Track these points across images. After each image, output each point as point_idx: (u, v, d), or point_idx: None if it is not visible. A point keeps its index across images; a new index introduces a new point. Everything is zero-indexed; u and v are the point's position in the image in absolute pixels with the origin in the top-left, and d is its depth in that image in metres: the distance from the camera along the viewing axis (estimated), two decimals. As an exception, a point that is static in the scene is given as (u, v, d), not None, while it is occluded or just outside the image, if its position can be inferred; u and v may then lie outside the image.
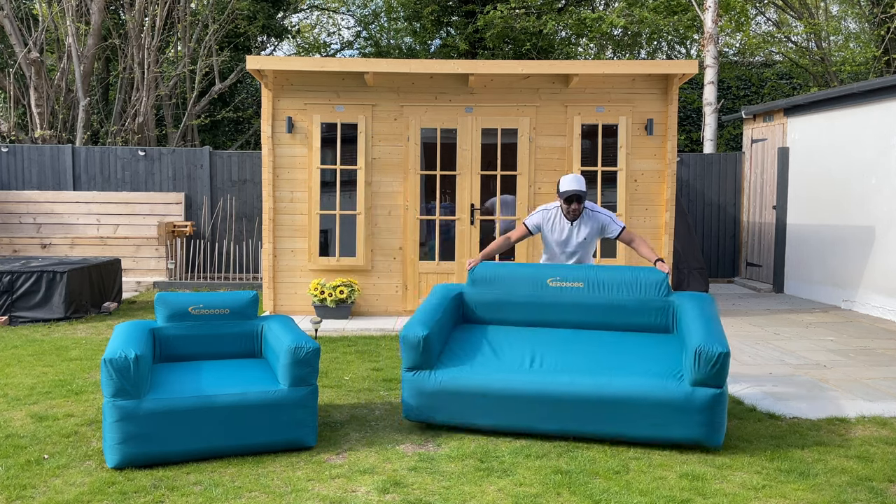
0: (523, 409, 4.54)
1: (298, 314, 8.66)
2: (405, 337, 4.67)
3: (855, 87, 9.21)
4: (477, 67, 8.23)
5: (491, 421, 4.61)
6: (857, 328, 8.11)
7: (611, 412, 4.42)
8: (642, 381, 4.42)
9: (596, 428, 4.47)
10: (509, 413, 4.57)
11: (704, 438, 4.36)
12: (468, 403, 4.62)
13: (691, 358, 4.35)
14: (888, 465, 4.19)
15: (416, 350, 4.65)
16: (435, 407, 4.67)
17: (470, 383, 4.61)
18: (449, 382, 4.63)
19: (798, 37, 19.13)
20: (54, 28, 15.86)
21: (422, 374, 4.68)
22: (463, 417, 4.65)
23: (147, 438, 4.06)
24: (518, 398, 4.53)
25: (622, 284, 5.13)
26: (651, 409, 4.36)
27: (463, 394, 4.61)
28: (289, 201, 8.64)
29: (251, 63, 8.11)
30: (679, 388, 4.36)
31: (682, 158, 12.17)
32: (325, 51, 24.23)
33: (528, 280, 5.22)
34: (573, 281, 5.16)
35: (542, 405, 4.50)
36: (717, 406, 4.32)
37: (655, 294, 5.08)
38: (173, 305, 4.94)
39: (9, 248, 11.74)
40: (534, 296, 5.19)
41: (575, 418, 4.48)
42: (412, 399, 4.70)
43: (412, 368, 4.71)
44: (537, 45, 18.64)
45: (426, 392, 4.66)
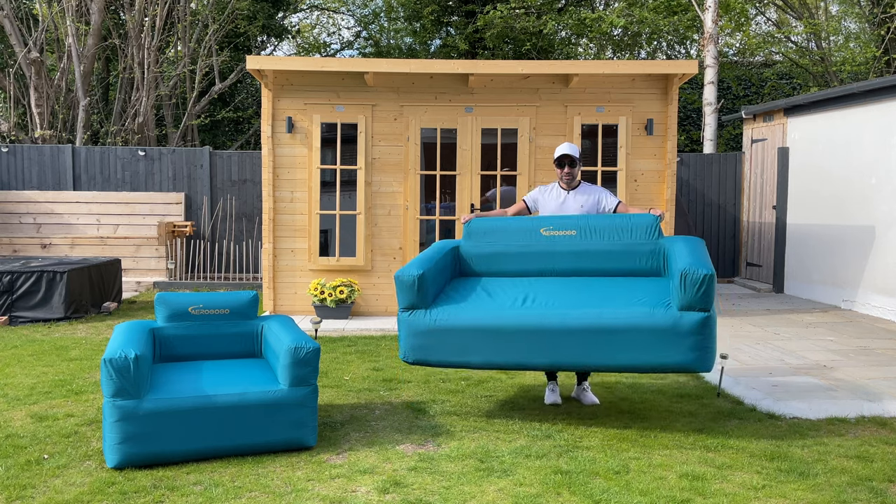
0: (516, 343, 4.56)
1: (298, 314, 8.66)
2: (400, 276, 4.71)
3: (855, 87, 9.21)
4: (477, 67, 8.23)
5: (484, 358, 4.63)
6: (857, 328, 8.11)
7: (601, 342, 4.46)
8: (631, 310, 4.48)
9: (587, 359, 4.51)
10: (502, 349, 4.59)
11: (694, 363, 4.37)
12: (462, 341, 4.63)
13: (677, 281, 4.39)
14: (888, 465, 4.19)
15: (412, 289, 4.68)
16: (430, 346, 4.68)
17: (464, 320, 4.64)
18: (443, 320, 4.66)
19: (798, 37, 19.13)
20: (54, 28, 15.86)
21: (417, 314, 4.71)
22: (457, 356, 4.66)
23: (147, 438, 4.06)
24: (511, 332, 4.56)
25: (614, 230, 5.19)
26: (640, 336, 4.41)
27: (457, 331, 4.63)
28: (289, 201, 8.64)
29: (251, 63, 8.11)
30: (667, 313, 4.41)
31: (682, 158, 12.17)
32: (325, 51, 24.23)
33: (521, 231, 5.29)
34: (566, 229, 5.23)
35: (534, 338, 4.53)
36: (705, 330, 4.34)
37: (646, 237, 5.14)
38: (173, 305, 4.94)
39: (9, 248, 11.74)
40: (527, 245, 5.25)
41: (566, 351, 4.52)
42: (408, 339, 4.72)
43: (407, 308, 4.74)
44: (537, 45, 18.64)
45: (421, 331, 4.68)
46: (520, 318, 4.58)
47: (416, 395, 5.53)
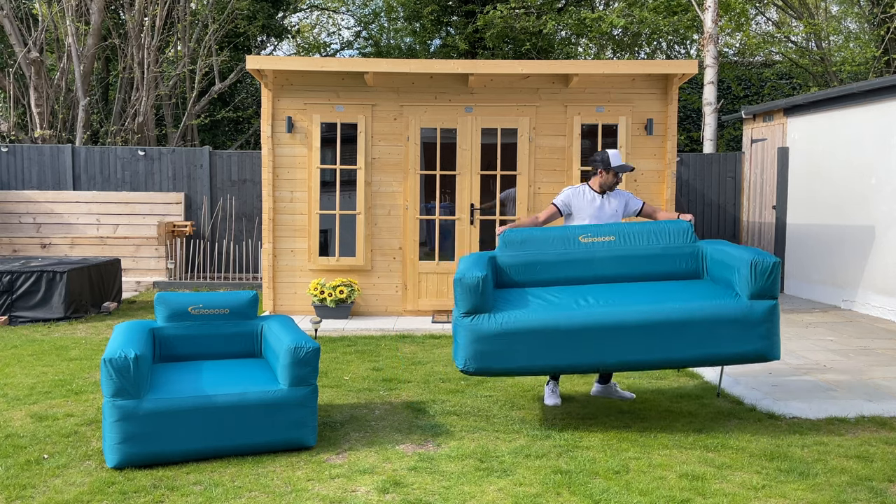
0: (589, 342, 4.48)
1: (298, 314, 8.66)
2: (462, 279, 4.50)
3: (855, 87, 9.21)
4: (477, 67, 8.23)
5: (554, 361, 4.50)
6: (857, 328, 8.11)
7: (676, 336, 4.48)
8: (702, 303, 4.54)
9: (661, 354, 4.50)
10: (574, 349, 4.49)
11: (766, 350, 4.51)
12: (532, 344, 4.47)
13: (747, 270, 4.52)
14: (888, 465, 4.19)
15: (475, 291, 4.47)
16: (496, 352, 4.48)
17: (533, 321, 4.48)
18: (512, 323, 4.48)
19: (798, 37, 19.13)
20: (54, 28, 15.86)
21: (481, 318, 4.50)
22: (526, 360, 4.50)
23: (147, 438, 4.06)
24: (583, 330, 4.48)
25: (651, 234, 5.20)
26: (715, 327, 4.47)
27: (527, 333, 4.46)
28: (289, 201, 8.64)
29: (251, 63, 8.11)
30: (738, 303, 4.52)
31: (682, 158, 12.17)
32: (324, 51, 24.23)
33: (559, 239, 5.21)
34: (604, 235, 5.20)
35: (606, 336, 4.48)
36: (773, 317, 4.50)
37: (684, 241, 5.18)
38: (173, 305, 4.94)
39: (9, 248, 11.74)
40: (566, 253, 5.17)
41: (639, 347, 4.50)
42: (470, 346, 4.50)
43: (469, 313, 4.52)
44: (537, 45, 18.64)
45: (486, 336, 4.47)
46: (592, 316, 4.50)
47: (416, 395, 5.53)
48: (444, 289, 8.68)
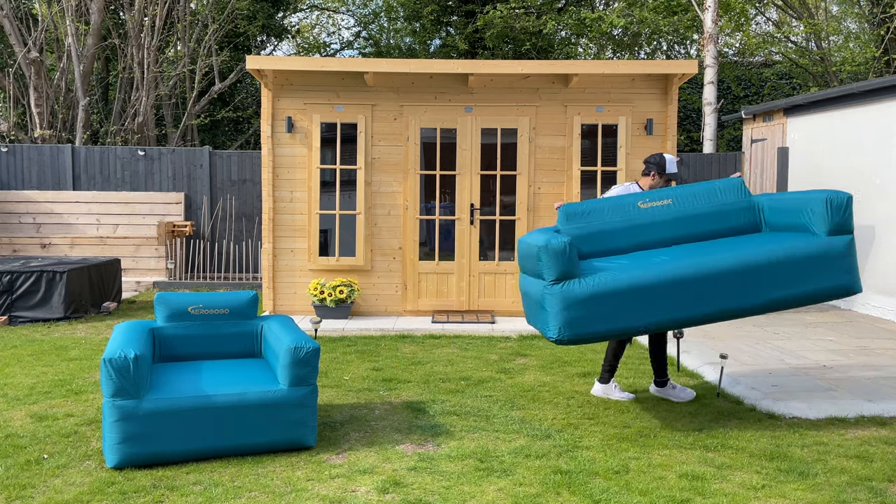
0: (679, 295, 4.51)
1: (298, 314, 8.66)
2: (548, 245, 4.44)
3: (855, 87, 9.21)
4: (477, 67, 8.23)
5: (647, 318, 4.51)
6: (857, 328, 8.11)
7: (763, 279, 4.57)
8: (784, 244, 4.62)
9: (752, 300, 4.58)
10: (666, 304, 4.51)
11: (851, 283, 4.62)
12: (623, 304, 4.46)
13: (822, 208, 4.64)
14: (888, 465, 4.19)
15: (563, 256, 4.42)
16: (589, 317, 4.44)
17: (625, 281, 4.48)
18: (603, 285, 4.46)
19: (798, 37, 19.13)
20: (54, 28, 15.86)
21: (571, 283, 4.46)
22: (619, 321, 4.49)
23: (147, 438, 4.06)
24: (676, 283, 4.50)
25: (706, 193, 5.22)
26: (799, 266, 4.60)
27: (618, 293, 4.45)
28: (289, 201, 8.64)
29: (251, 63, 8.11)
30: (819, 240, 4.62)
31: (682, 158, 12.16)
32: (324, 51, 24.23)
33: (619, 207, 5.21)
34: (661, 199, 5.22)
35: (697, 287, 4.51)
36: (852, 250, 4.64)
37: (739, 196, 5.22)
38: (173, 305, 4.94)
39: (8, 248, 11.74)
40: (628, 220, 5.16)
41: (726, 295, 4.55)
42: (562, 314, 4.44)
43: (559, 280, 4.46)
44: (537, 45, 18.64)
45: (579, 300, 4.42)
46: (679, 269, 4.53)
47: (416, 395, 5.53)
48: (444, 289, 8.68)
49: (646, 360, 6.67)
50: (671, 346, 6.99)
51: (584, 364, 6.54)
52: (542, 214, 8.66)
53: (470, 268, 8.67)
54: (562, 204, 5.30)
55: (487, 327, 7.97)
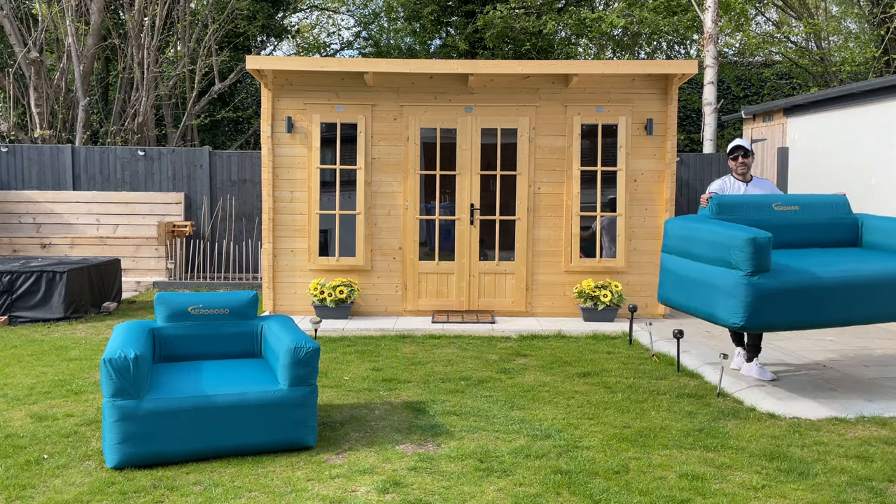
0: (847, 298, 5.04)
1: (298, 314, 8.66)
2: (755, 239, 4.84)
3: (854, 87, 9.21)
4: (477, 67, 8.23)
5: (824, 315, 5.01)
6: (857, 328, 8.11)
7: None
8: None
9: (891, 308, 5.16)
10: (836, 305, 5.02)
11: None
12: (803, 302, 4.94)
13: None
14: (888, 465, 4.19)
15: (765, 251, 4.85)
16: (773, 309, 4.90)
17: (806, 281, 4.95)
18: (791, 283, 4.91)
19: (798, 37, 19.13)
20: (54, 28, 15.86)
21: (765, 276, 4.89)
22: (799, 316, 4.96)
23: (147, 438, 4.06)
24: (844, 287, 5.00)
25: (823, 206, 5.88)
26: None
27: (801, 292, 4.92)
28: (288, 201, 8.64)
29: (251, 63, 8.11)
30: None
31: (682, 158, 12.17)
32: (324, 51, 24.23)
33: (760, 206, 5.80)
34: (790, 205, 5.83)
35: (859, 292, 5.06)
36: None
37: (846, 212, 5.93)
38: (173, 305, 4.94)
39: (8, 248, 11.74)
40: (765, 218, 5.77)
41: (880, 301, 5.13)
42: (752, 304, 4.87)
43: (755, 272, 4.88)
44: (537, 45, 18.64)
45: (768, 294, 4.87)
46: (852, 274, 5.07)
47: (416, 395, 5.53)
48: (444, 289, 8.68)
49: (646, 361, 6.68)
50: (671, 346, 6.99)
51: (584, 364, 6.54)
52: (542, 214, 8.66)
53: (470, 268, 8.67)
54: (711, 195, 5.80)
55: (487, 327, 7.97)
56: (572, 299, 8.66)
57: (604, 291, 8.27)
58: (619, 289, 8.34)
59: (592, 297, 8.30)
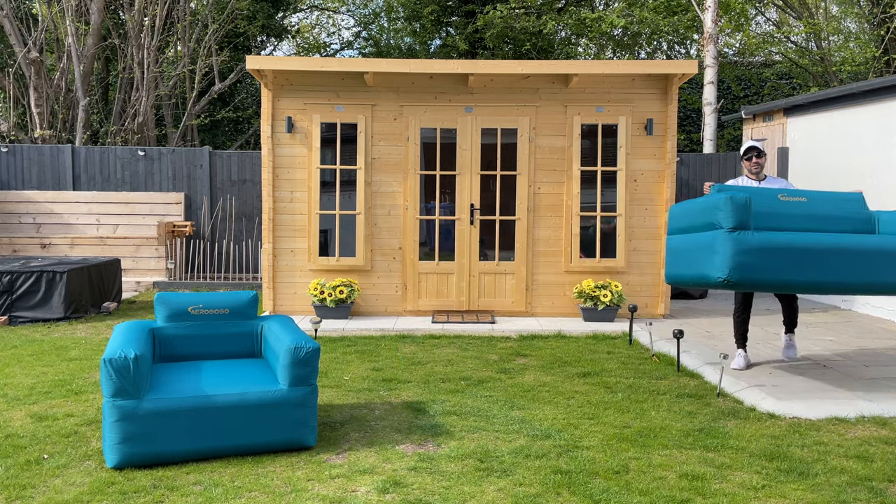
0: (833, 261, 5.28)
1: (298, 314, 8.66)
2: (734, 197, 5.25)
3: (854, 87, 9.21)
4: (477, 67, 8.23)
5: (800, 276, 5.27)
6: (857, 328, 8.11)
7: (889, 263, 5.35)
8: None
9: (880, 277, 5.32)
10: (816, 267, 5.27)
11: None
12: (783, 260, 5.26)
13: None
14: (888, 465, 4.19)
15: (745, 208, 5.30)
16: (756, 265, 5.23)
17: (791, 240, 5.29)
18: (771, 239, 5.26)
19: (798, 37, 19.14)
20: (54, 28, 15.86)
21: (745, 233, 5.26)
22: (779, 274, 5.26)
23: (147, 438, 4.06)
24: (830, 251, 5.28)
25: (832, 200, 6.00)
26: None
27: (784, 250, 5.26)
28: (289, 201, 8.64)
29: (251, 63, 8.11)
30: None
31: (682, 158, 12.17)
32: (324, 51, 24.23)
33: (764, 195, 5.94)
34: (798, 196, 5.97)
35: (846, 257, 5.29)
36: None
37: (860, 207, 6.03)
38: (173, 305, 4.94)
39: (8, 248, 11.74)
40: (767, 206, 5.91)
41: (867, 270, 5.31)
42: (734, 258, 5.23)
43: (736, 228, 5.27)
44: (537, 45, 18.64)
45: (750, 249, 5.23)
46: (833, 239, 5.32)
47: (416, 395, 5.53)
48: (443, 289, 8.68)
49: (646, 361, 6.68)
50: (671, 346, 6.99)
51: (584, 364, 6.54)
52: (542, 214, 8.66)
53: (470, 268, 8.67)
54: (713, 184, 6.07)
55: (487, 327, 7.97)
56: (572, 299, 8.66)
57: (604, 291, 8.27)
58: (619, 289, 8.34)
59: (592, 297, 8.30)
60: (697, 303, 9.78)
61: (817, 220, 5.94)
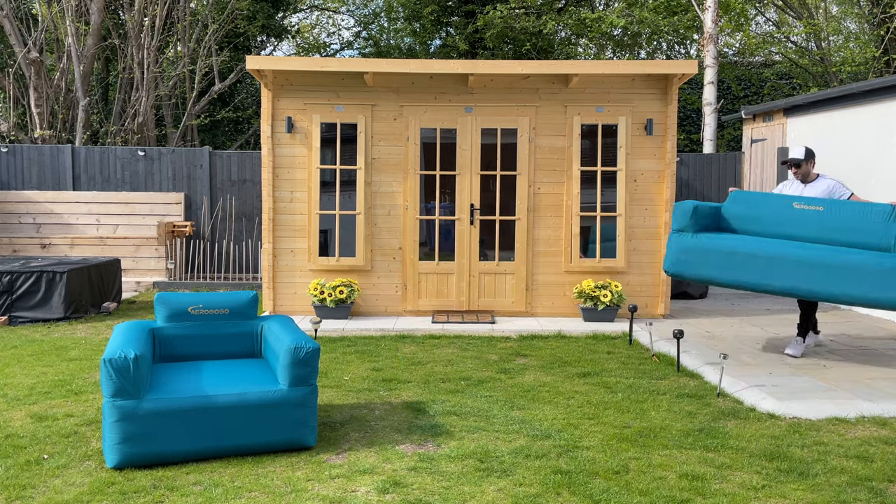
0: (778, 269, 5.83)
1: (298, 314, 8.66)
2: (682, 204, 6.19)
3: (854, 87, 9.21)
4: (477, 67, 8.23)
5: (730, 277, 6.00)
6: (857, 328, 8.11)
7: (835, 276, 5.68)
8: (873, 257, 5.64)
9: (820, 288, 5.73)
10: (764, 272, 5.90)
11: None
12: (714, 260, 6.05)
13: None
14: (888, 465, 4.19)
15: (687, 214, 6.23)
16: (688, 262, 6.18)
17: (719, 243, 6.08)
18: (704, 240, 6.15)
19: (798, 37, 19.14)
20: (54, 28, 15.86)
21: (685, 235, 6.24)
22: (708, 272, 6.09)
23: (147, 438, 4.06)
24: (773, 259, 5.84)
25: (853, 210, 6.15)
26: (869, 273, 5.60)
27: (713, 251, 6.08)
28: (288, 201, 8.64)
29: (251, 63, 8.11)
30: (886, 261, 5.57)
31: (682, 158, 12.17)
32: (324, 51, 24.23)
33: (778, 201, 6.42)
34: (815, 205, 6.28)
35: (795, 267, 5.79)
36: None
37: (883, 220, 6.05)
38: (173, 305, 4.94)
39: (8, 248, 11.74)
40: (779, 214, 6.36)
41: (804, 279, 5.76)
42: (674, 255, 6.28)
43: (678, 231, 6.31)
44: (537, 45, 18.64)
45: (684, 248, 6.19)
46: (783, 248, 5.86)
47: (415, 395, 5.53)
48: (444, 289, 8.68)
49: (646, 361, 6.68)
50: (671, 346, 6.99)
51: (584, 364, 6.54)
52: (542, 214, 8.66)
53: (470, 268, 8.67)
54: (734, 189, 6.67)
55: (487, 327, 7.97)
56: (572, 299, 8.66)
57: (604, 291, 8.27)
58: (619, 289, 8.34)
59: (592, 297, 8.30)
60: (697, 303, 9.78)
61: (829, 230, 6.17)
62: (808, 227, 6.22)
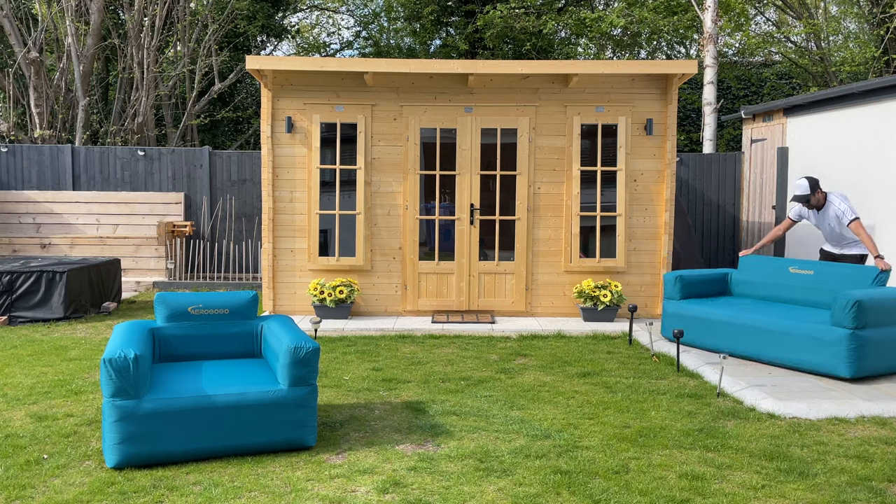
0: (745, 336, 6.43)
1: (298, 314, 8.66)
2: (666, 275, 7.19)
3: (854, 87, 9.21)
4: (477, 67, 8.23)
5: (710, 342, 6.74)
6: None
7: (783, 343, 6.18)
8: (819, 330, 5.96)
9: (774, 354, 6.23)
10: (717, 335, 6.66)
11: (837, 369, 5.84)
12: (702, 328, 6.79)
13: None
14: (888, 465, 4.19)
15: (669, 283, 7.17)
16: (679, 327, 6.96)
17: (705, 311, 6.81)
18: (691, 309, 6.91)
19: (797, 37, 19.14)
20: (54, 28, 15.86)
21: (671, 302, 7.13)
22: (701, 339, 6.82)
23: (147, 438, 4.06)
24: (740, 327, 6.47)
25: (842, 276, 6.61)
26: (810, 341, 6.01)
27: (697, 319, 6.85)
28: (288, 201, 8.64)
29: (251, 63, 8.11)
30: (833, 331, 5.87)
31: (682, 158, 12.16)
32: (324, 51, 24.23)
33: (777, 266, 7.13)
34: (806, 269, 6.88)
35: (736, 331, 6.50)
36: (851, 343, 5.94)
37: (865, 285, 6.42)
38: (173, 305, 4.94)
39: (8, 248, 11.74)
40: (776, 278, 7.07)
41: (759, 345, 6.33)
42: (665, 319, 7.18)
43: (668, 297, 7.22)
44: (537, 45, 18.64)
45: (672, 315, 7.09)
46: (734, 316, 6.55)
47: (415, 395, 5.53)
48: (443, 289, 8.68)
49: (646, 360, 6.68)
50: (671, 346, 6.99)
51: (584, 364, 6.54)
52: (542, 214, 8.66)
53: (470, 268, 8.67)
54: (748, 254, 7.45)
55: (487, 327, 7.97)
56: (572, 299, 8.66)
57: (604, 291, 8.27)
58: (618, 289, 8.34)
59: (592, 297, 8.30)
60: (697, 303, 9.77)
61: (817, 293, 6.73)
62: (800, 291, 6.85)
